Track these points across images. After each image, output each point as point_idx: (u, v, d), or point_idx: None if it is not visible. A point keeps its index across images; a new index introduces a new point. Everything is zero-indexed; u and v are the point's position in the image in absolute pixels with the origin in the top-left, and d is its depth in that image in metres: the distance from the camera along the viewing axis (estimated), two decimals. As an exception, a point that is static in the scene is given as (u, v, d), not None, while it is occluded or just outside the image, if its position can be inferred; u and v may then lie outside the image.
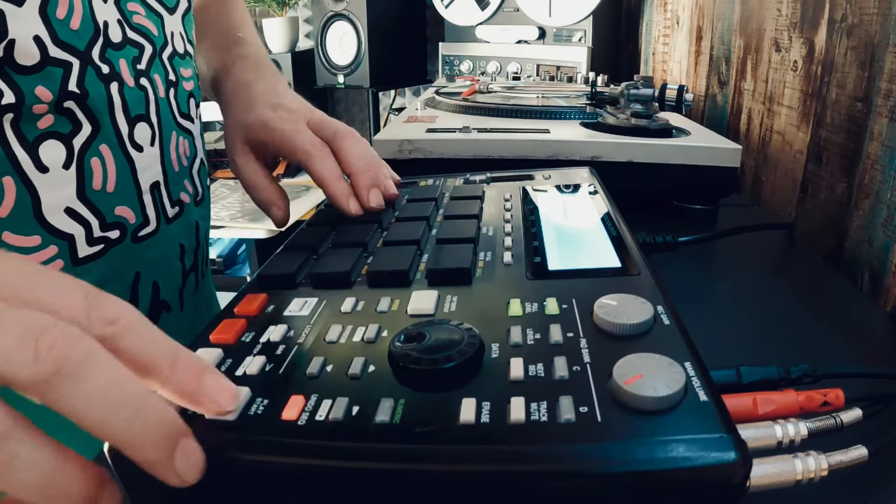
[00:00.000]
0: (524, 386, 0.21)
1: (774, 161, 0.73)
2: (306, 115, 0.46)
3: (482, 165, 0.59)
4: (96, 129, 0.37)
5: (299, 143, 0.43)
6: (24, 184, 0.35)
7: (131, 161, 0.40)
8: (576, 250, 0.34)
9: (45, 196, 0.36)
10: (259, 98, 0.48)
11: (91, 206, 0.38)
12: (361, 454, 0.19)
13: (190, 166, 0.48)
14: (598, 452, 0.19)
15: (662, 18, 1.23)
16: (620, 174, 0.60)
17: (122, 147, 0.39)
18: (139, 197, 0.41)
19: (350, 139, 0.45)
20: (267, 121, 0.45)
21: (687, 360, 0.22)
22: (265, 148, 0.46)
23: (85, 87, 0.36)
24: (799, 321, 0.43)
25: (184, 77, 0.47)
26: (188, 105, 0.47)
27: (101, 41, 0.37)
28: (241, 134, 0.47)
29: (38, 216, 0.36)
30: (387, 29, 1.93)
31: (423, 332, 0.24)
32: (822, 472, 0.22)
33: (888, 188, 0.50)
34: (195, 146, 0.49)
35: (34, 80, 0.34)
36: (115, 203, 0.40)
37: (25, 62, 0.33)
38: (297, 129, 0.44)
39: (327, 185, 0.42)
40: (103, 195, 0.39)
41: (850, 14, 0.56)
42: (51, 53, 0.34)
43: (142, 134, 0.41)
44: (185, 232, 0.47)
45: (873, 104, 0.52)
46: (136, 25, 0.41)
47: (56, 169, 0.36)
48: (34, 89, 0.34)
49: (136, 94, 0.40)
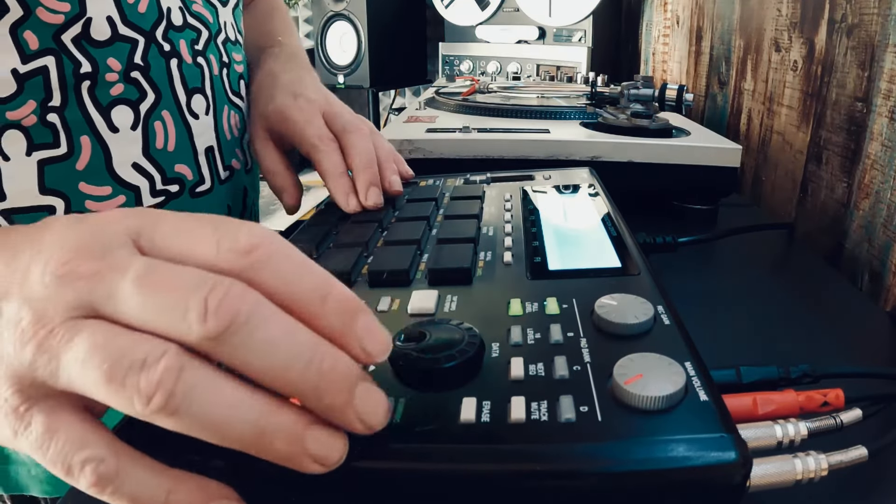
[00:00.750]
0: (524, 385, 0.21)
1: (774, 161, 0.73)
2: (322, 107, 0.48)
3: (482, 165, 0.59)
4: (158, 97, 0.42)
5: (308, 136, 0.46)
6: (98, 142, 0.40)
7: (188, 126, 0.45)
8: (576, 250, 0.34)
9: (116, 153, 0.41)
10: (282, 88, 0.50)
11: (154, 162, 0.43)
12: (361, 454, 0.19)
13: (241, 137, 0.52)
14: (598, 452, 0.19)
15: (662, 18, 1.23)
16: (620, 174, 0.60)
17: (181, 114, 0.44)
18: (195, 158, 0.46)
19: (356, 134, 0.46)
20: (284, 110, 0.48)
21: (687, 360, 0.22)
22: (282, 136, 0.49)
23: (148, 60, 0.41)
24: (799, 321, 0.43)
25: (235, 61, 0.52)
26: (239, 85, 0.52)
27: (164, 24, 0.43)
28: (263, 122, 0.50)
29: (109, 170, 0.41)
30: (387, 29, 1.93)
31: (422, 332, 0.24)
32: (822, 472, 0.22)
33: (888, 188, 0.50)
34: (244, 121, 0.53)
35: (106, 52, 0.39)
36: (174, 161, 0.44)
37: (99, 37, 0.38)
38: (309, 120, 0.47)
39: (329, 180, 0.44)
40: (164, 154, 0.43)
41: (850, 14, 0.56)
42: (120, 31, 0.39)
43: (198, 104, 0.46)
44: (233, 195, 0.52)
45: (873, 104, 0.52)
46: (195, 13, 0.46)
47: (125, 130, 0.41)
48: (106, 60, 0.39)
49: (193, 70, 0.45)
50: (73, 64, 0.37)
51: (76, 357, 0.17)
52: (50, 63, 0.37)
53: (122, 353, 0.17)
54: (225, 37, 0.50)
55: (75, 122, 0.38)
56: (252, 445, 0.18)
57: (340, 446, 0.18)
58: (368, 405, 0.18)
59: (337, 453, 0.18)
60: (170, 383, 0.17)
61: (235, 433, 0.17)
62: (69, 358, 0.18)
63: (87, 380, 0.17)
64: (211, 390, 0.17)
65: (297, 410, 0.18)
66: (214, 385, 0.17)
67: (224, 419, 0.17)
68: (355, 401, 0.18)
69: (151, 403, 0.17)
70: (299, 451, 0.18)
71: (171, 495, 0.18)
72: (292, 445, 0.18)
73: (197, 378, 0.17)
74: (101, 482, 0.18)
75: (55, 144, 0.38)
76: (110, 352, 0.17)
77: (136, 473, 0.18)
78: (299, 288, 0.19)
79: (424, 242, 0.36)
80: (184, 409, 0.17)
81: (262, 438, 0.18)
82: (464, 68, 1.52)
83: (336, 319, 0.19)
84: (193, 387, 0.17)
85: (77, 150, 0.39)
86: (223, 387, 0.18)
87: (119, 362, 0.17)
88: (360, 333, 0.19)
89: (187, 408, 0.17)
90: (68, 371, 0.18)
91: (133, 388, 0.17)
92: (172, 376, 0.17)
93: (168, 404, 0.17)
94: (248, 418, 0.17)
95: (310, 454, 0.18)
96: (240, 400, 0.18)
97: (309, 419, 0.18)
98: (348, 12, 1.86)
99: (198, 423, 0.17)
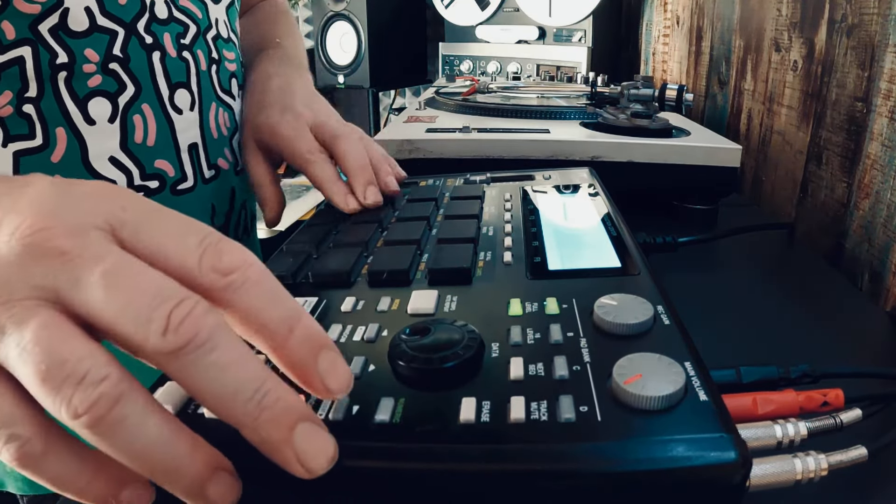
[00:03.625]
0: (524, 385, 0.21)
1: (774, 161, 0.73)
2: (309, 120, 0.48)
3: (482, 165, 0.59)
4: (139, 90, 0.42)
5: (299, 151, 0.46)
6: (74, 134, 0.39)
7: (171, 121, 0.45)
8: (576, 250, 0.34)
9: (92, 146, 0.40)
10: (271, 98, 0.50)
11: (133, 157, 0.42)
12: (361, 453, 0.19)
13: (230, 136, 0.52)
14: (597, 452, 0.19)
15: (662, 18, 1.23)
16: (620, 174, 0.60)
17: (163, 108, 0.44)
18: (177, 154, 0.45)
19: (346, 140, 0.46)
20: (273, 126, 0.48)
21: (687, 360, 0.22)
22: (271, 150, 0.49)
23: (128, 52, 0.41)
24: (799, 321, 0.43)
25: (227, 59, 0.51)
26: (230, 83, 0.52)
27: (147, 16, 0.42)
28: (253, 132, 0.50)
29: (84, 163, 0.40)
30: (387, 29, 1.93)
31: (427, 327, 0.24)
32: (822, 472, 0.22)
33: (888, 188, 0.50)
34: (236, 120, 0.53)
35: (84, 42, 0.39)
36: (154, 156, 0.44)
37: (76, 28, 0.38)
38: (299, 135, 0.47)
39: (325, 187, 0.44)
40: (144, 148, 0.43)
41: (850, 14, 0.56)
42: (98, 22, 0.39)
43: (181, 99, 0.45)
44: (219, 195, 0.51)
45: (873, 104, 0.52)
46: (182, 7, 0.46)
47: (102, 122, 0.40)
48: (83, 51, 0.39)
49: (178, 64, 0.45)
50: (49, 54, 0.37)
51: (18, 342, 0.17)
52: (26, 53, 0.36)
53: (65, 360, 0.17)
54: (216, 34, 0.49)
55: (51, 114, 0.38)
56: (159, 478, 0.18)
57: (233, 495, 0.19)
58: (310, 446, 0.18)
59: (228, 502, 0.19)
60: (102, 409, 0.17)
61: (146, 466, 0.18)
62: (12, 340, 0.17)
63: (22, 369, 0.17)
64: (138, 425, 0.17)
65: (207, 456, 0.18)
66: (143, 421, 0.17)
67: (140, 454, 0.17)
68: (294, 439, 0.18)
69: (78, 420, 0.17)
70: (198, 494, 0.18)
71: (91, 483, 0.18)
72: (193, 489, 0.18)
73: (128, 411, 0.17)
74: (23, 460, 0.18)
75: (31, 136, 0.38)
76: (53, 354, 0.17)
77: (61, 457, 0.18)
78: (269, 316, 0.19)
79: (424, 242, 0.36)
80: (107, 435, 0.17)
81: (169, 476, 0.18)
82: (464, 68, 1.52)
83: (300, 351, 0.19)
84: (123, 419, 0.17)
85: (52, 141, 0.39)
86: (150, 424, 0.17)
87: (59, 368, 0.17)
88: (324, 367, 0.19)
89: (110, 435, 0.17)
90: (6, 351, 0.17)
91: (65, 398, 0.17)
92: (107, 404, 0.17)
93: (93, 427, 0.17)
94: (163, 457, 0.18)
95: (207, 499, 0.18)
96: (160, 439, 0.18)
97: (215, 465, 0.18)
98: (348, 12, 1.86)
99: (114, 449, 0.17)
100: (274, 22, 0.64)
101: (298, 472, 0.18)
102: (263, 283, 0.20)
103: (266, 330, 0.19)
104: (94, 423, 0.17)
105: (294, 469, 0.18)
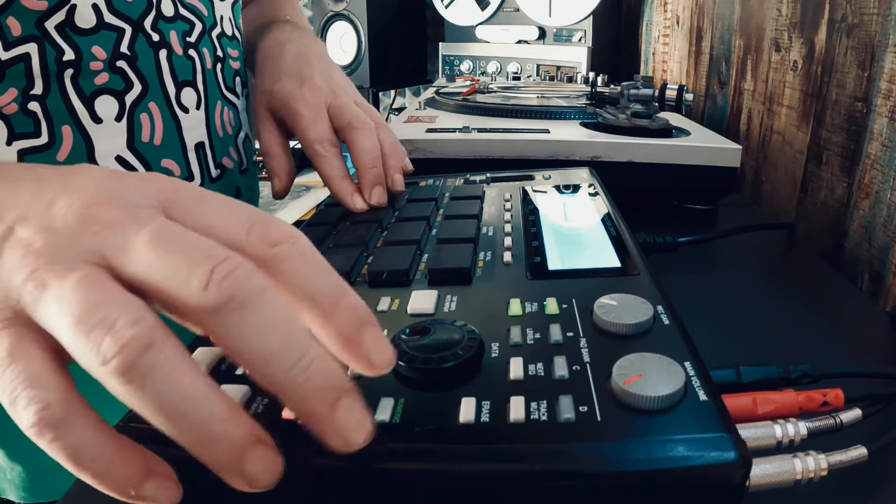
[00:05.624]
0: (524, 385, 0.21)
1: (774, 161, 0.73)
2: (328, 99, 0.46)
3: (482, 165, 0.59)
4: (146, 88, 0.42)
5: (311, 140, 0.45)
6: (80, 132, 0.39)
7: (177, 120, 0.44)
8: (576, 250, 0.34)
9: (99, 144, 0.40)
10: (287, 66, 0.48)
11: (139, 155, 0.42)
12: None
13: (235, 135, 0.52)
14: (597, 452, 0.19)
15: (662, 18, 1.23)
16: (620, 174, 0.60)
17: (170, 107, 0.44)
18: (184, 153, 0.45)
19: (362, 131, 0.45)
20: (289, 99, 0.46)
21: (687, 360, 0.22)
22: (284, 122, 0.48)
23: (135, 50, 0.41)
24: (799, 321, 0.43)
25: (231, 57, 0.51)
26: (234, 81, 0.52)
27: (154, 14, 0.42)
28: (266, 101, 0.48)
29: (91, 162, 0.39)
30: (387, 29, 1.93)
31: (427, 327, 0.24)
32: (822, 472, 0.22)
33: (888, 188, 0.50)
34: (240, 119, 0.53)
35: (91, 40, 0.38)
36: (161, 155, 0.44)
37: (83, 25, 0.38)
38: (314, 117, 0.45)
39: (332, 183, 0.44)
40: (151, 147, 0.43)
41: (850, 14, 0.56)
42: (105, 20, 0.39)
43: (188, 97, 0.45)
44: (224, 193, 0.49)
45: (873, 104, 0.52)
46: (188, 4, 0.45)
47: (109, 121, 0.40)
48: (91, 48, 0.38)
49: (184, 62, 0.45)
50: (55, 51, 0.37)
51: (58, 294, 0.17)
52: (32, 50, 0.36)
53: (99, 304, 0.17)
54: (220, 31, 0.49)
55: (57, 112, 0.38)
56: (192, 444, 0.17)
57: (273, 473, 0.17)
58: (351, 421, 0.18)
59: (267, 479, 0.17)
60: (133, 353, 0.16)
61: (181, 427, 0.17)
62: (52, 293, 0.17)
63: (57, 319, 0.17)
64: (172, 376, 0.16)
65: (247, 425, 0.17)
66: (177, 371, 0.17)
67: (173, 409, 0.17)
68: (337, 413, 0.18)
69: (108, 364, 0.16)
70: (234, 467, 0.17)
71: (111, 463, 0.17)
72: (230, 459, 0.17)
73: (162, 358, 0.16)
74: (41, 425, 0.17)
75: (36, 134, 0.37)
76: (89, 298, 0.17)
77: (81, 430, 0.17)
78: (316, 287, 0.19)
79: (424, 242, 0.36)
80: (137, 384, 0.16)
81: (204, 441, 0.17)
82: (464, 68, 1.52)
83: (345, 325, 0.19)
84: (155, 366, 0.16)
85: (58, 140, 0.38)
86: (184, 376, 0.17)
87: (93, 311, 0.16)
88: (368, 343, 0.19)
89: (140, 385, 0.16)
90: (46, 305, 0.17)
91: (96, 343, 0.16)
92: (138, 347, 0.16)
93: (123, 374, 0.16)
94: (198, 417, 0.17)
95: (243, 473, 0.17)
96: (197, 395, 0.17)
97: (256, 436, 0.17)
98: (348, 12, 1.86)
99: (148, 403, 0.16)
100: (282, 6, 0.63)
101: (337, 445, 0.18)
102: (310, 255, 0.20)
103: (312, 300, 0.19)
104: (123, 369, 0.16)
105: (332, 442, 0.18)
